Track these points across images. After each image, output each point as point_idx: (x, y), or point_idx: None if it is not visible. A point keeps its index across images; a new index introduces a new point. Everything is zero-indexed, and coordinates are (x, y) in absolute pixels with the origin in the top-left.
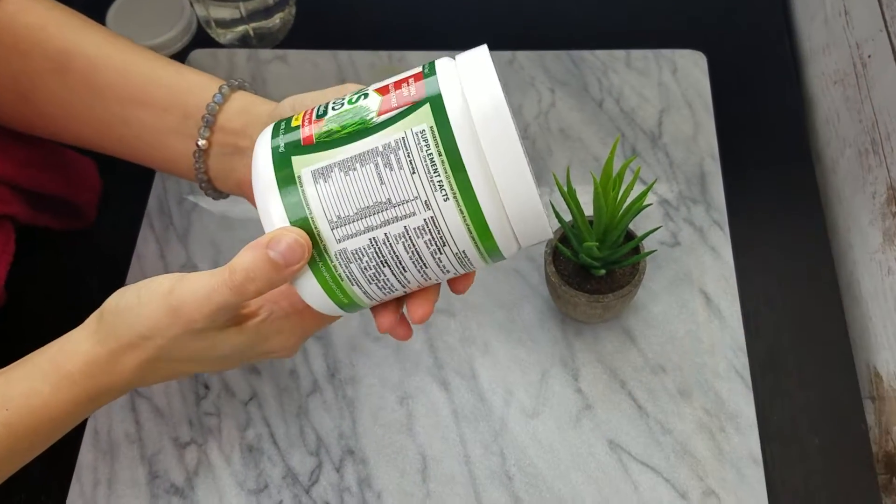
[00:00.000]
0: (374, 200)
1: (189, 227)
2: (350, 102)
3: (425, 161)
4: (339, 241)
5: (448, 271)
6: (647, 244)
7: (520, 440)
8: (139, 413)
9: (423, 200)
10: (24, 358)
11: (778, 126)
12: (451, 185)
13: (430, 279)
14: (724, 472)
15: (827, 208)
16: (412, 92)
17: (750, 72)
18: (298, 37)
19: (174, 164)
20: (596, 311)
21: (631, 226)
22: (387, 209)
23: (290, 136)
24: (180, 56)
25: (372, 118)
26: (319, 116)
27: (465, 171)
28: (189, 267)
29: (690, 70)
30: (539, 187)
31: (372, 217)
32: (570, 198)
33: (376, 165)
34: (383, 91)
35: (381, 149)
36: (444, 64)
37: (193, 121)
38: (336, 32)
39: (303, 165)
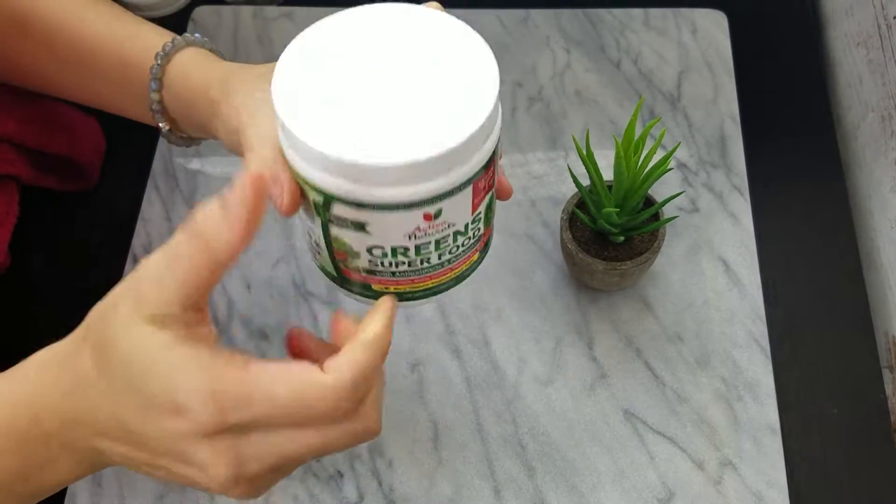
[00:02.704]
0: None
1: (195, 188)
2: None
3: None
4: None
5: None
6: (666, 210)
7: (533, 408)
8: None
9: None
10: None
11: (799, 89)
12: None
13: None
14: (741, 441)
15: (847, 174)
16: None
17: (771, 32)
18: None
19: (146, 122)
20: (613, 278)
21: (648, 191)
22: None
23: None
24: (183, 13)
25: None
26: None
27: None
28: None
29: (711, 30)
30: (554, 150)
31: None
32: (590, 162)
33: None
34: None
35: None
36: None
37: (147, 101)
38: None
39: None
